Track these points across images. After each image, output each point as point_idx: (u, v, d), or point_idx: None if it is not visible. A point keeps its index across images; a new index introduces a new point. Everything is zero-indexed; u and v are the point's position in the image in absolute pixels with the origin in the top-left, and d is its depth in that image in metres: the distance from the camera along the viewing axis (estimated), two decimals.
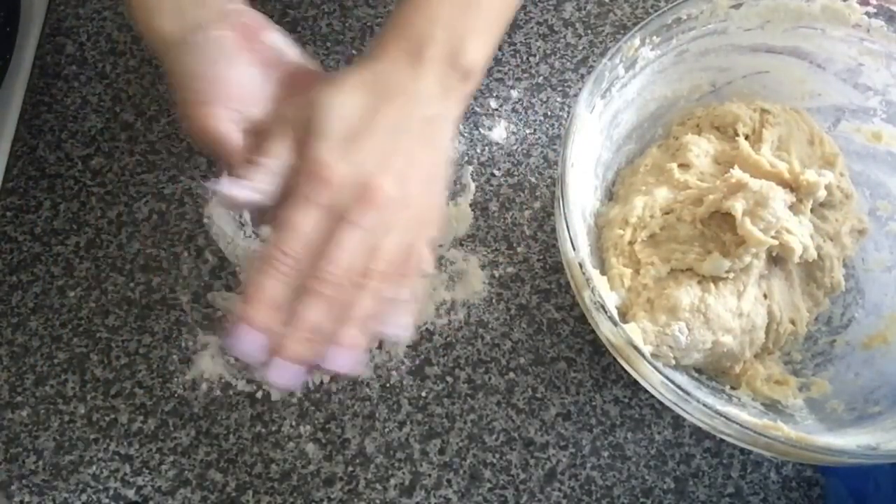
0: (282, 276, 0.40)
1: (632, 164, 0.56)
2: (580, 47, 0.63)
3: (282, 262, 0.40)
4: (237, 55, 0.44)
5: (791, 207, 0.50)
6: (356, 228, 0.40)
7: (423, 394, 0.54)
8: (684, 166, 0.53)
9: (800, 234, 0.49)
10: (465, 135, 0.60)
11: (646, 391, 0.46)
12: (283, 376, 0.40)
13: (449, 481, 0.52)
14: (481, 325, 0.55)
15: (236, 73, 0.44)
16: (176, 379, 0.54)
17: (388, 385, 0.54)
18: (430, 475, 0.52)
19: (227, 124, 0.43)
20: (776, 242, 0.48)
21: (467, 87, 0.46)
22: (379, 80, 0.43)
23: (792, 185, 0.51)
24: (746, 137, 0.54)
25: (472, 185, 0.59)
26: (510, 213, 0.58)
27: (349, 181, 0.40)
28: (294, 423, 0.53)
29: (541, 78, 0.62)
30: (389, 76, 0.43)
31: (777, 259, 0.51)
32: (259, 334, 0.40)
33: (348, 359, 0.41)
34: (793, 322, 0.51)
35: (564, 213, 0.45)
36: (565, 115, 0.61)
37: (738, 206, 0.48)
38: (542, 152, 0.60)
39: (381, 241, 0.41)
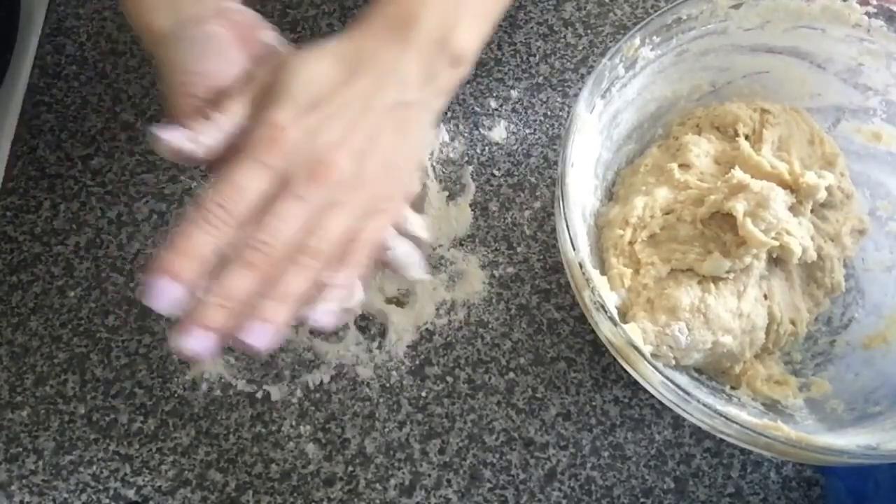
0: (214, 232, 0.38)
1: (632, 164, 0.56)
2: (580, 47, 0.63)
3: (217, 218, 0.38)
4: (229, 50, 0.43)
5: (791, 209, 0.50)
6: (300, 201, 0.38)
7: (423, 394, 0.54)
8: (684, 166, 0.53)
9: (799, 236, 0.49)
10: (465, 135, 0.61)
11: (646, 391, 0.46)
12: (194, 343, 0.38)
13: (449, 481, 0.52)
14: (481, 325, 0.55)
15: (226, 67, 0.42)
16: (176, 379, 0.54)
17: (388, 385, 0.54)
18: (430, 475, 0.52)
19: (196, 114, 0.41)
20: (777, 244, 0.48)
21: (456, 74, 0.43)
22: (357, 55, 0.41)
23: (792, 187, 0.51)
24: (747, 137, 0.54)
25: (472, 185, 0.59)
26: (510, 213, 0.58)
27: (302, 150, 0.38)
28: (294, 423, 0.53)
29: (541, 78, 0.62)
30: (369, 52, 0.41)
31: (777, 260, 0.51)
32: (179, 287, 0.37)
33: (265, 334, 0.39)
34: (793, 322, 0.51)
35: (564, 213, 0.45)
36: (565, 115, 0.61)
37: (739, 206, 0.48)
38: (542, 152, 0.60)
39: (325, 219, 0.39)
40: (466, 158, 0.60)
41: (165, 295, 0.37)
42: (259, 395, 0.53)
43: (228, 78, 0.42)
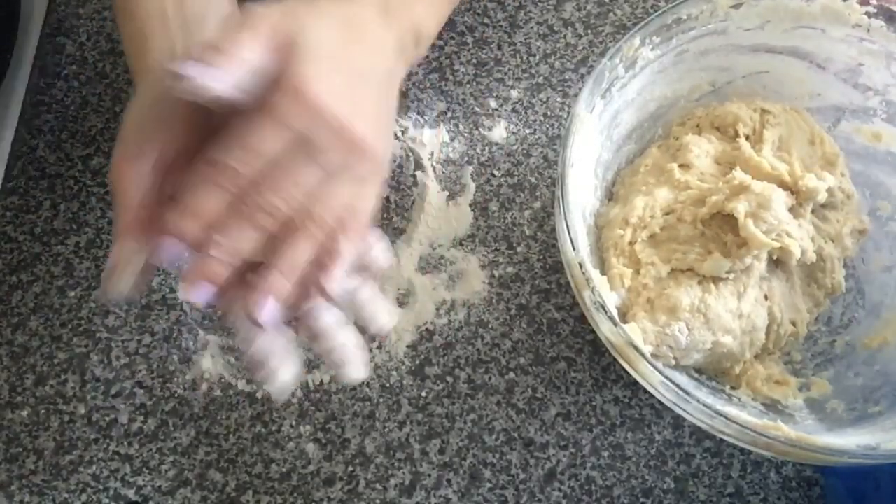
0: (225, 194, 0.37)
1: (632, 164, 0.56)
2: (580, 47, 0.63)
3: (229, 179, 0.36)
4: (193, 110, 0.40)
5: (791, 210, 0.50)
6: (317, 168, 0.37)
7: (423, 394, 0.54)
8: (685, 166, 0.53)
9: (799, 238, 0.49)
10: (465, 135, 0.61)
11: (646, 391, 0.46)
12: (195, 293, 0.37)
13: (449, 481, 0.52)
14: (481, 325, 0.55)
15: (186, 120, 0.40)
16: (176, 379, 0.54)
17: (388, 385, 0.54)
18: (430, 475, 0.52)
19: (139, 182, 0.39)
20: (778, 245, 0.48)
21: (416, 53, 0.45)
22: (352, 19, 0.40)
23: (792, 188, 0.51)
24: (747, 138, 0.54)
25: (472, 185, 0.59)
26: (510, 213, 0.58)
27: (322, 110, 0.37)
28: (294, 423, 0.53)
29: (541, 78, 0.62)
30: (361, 18, 0.41)
31: (778, 261, 0.51)
32: (183, 246, 0.37)
33: (270, 307, 0.38)
34: (793, 323, 0.51)
35: (564, 213, 0.45)
36: (565, 115, 0.61)
37: (740, 207, 0.48)
38: (542, 152, 0.60)
39: (330, 186, 0.38)
40: (466, 158, 0.60)
41: (170, 253, 0.37)
42: (259, 395, 0.53)
43: (183, 145, 0.40)
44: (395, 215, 0.58)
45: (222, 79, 0.36)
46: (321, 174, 0.37)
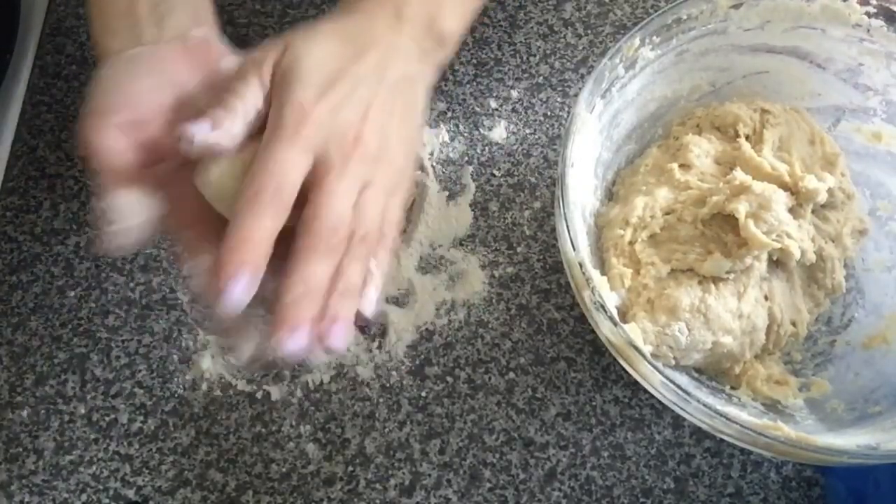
0: (270, 216, 0.36)
1: (632, 164, 0.56)
2: (580, 47, 0.63)
3: (267, 203, 0.36)
4: (172, 70, 0.41)
5: (791, 210, 0.50)
6: (346, 178, 0.37)
7: (423, 394, 0.54)
8: (685, 166, 0.53)
9: (799, 239, 0.49)
10: (465, 135, 0.61)
11: (646, 391, 0.46)
12: (298, 341, 0.36)
13: (449, 481, 0.52)
14: (481, 325, 0.55)
15: (159, 91, 0.40)
16: (176, 379, 0.54)
17: (388, 385, 0.54)
18: (430, 475, 0.52)
19: (113, 139, 0.38)
20: (779, 245, 0.48)
21: (442, 54, 0.45)
22: (356, 32, 0.41)
23: (792, 189, 0.51)
24: (747, 138, 0.54)
25: (472, 185, 0.59)
26: (510, 213, 0.58)
27: (331, 128, 0.38)
28: (294, 423, 0.53)
29: (541, 78, 0.62)
30: (367, 28, 0.41)
31: (778, 261, 0.51)
32: (253, 281, 0.35)
33: (344, 333, 0.37)
34: (794, 323, 0.51)
35: (564, 213, 0.45)
36: (565, 115, 0.61)
37: (741, 208, 0.48)
38: (542, 152, 0.60)
39: (364, 200, 0.38)
40: (466, 158, 0.60)
41: (241, 292, 0.35)
42: (259, 395, 0.53)
43: (157, 103, 0.40)
44: None
45: (228, 135, 0.38)
46: (354, 186, 0.38)
